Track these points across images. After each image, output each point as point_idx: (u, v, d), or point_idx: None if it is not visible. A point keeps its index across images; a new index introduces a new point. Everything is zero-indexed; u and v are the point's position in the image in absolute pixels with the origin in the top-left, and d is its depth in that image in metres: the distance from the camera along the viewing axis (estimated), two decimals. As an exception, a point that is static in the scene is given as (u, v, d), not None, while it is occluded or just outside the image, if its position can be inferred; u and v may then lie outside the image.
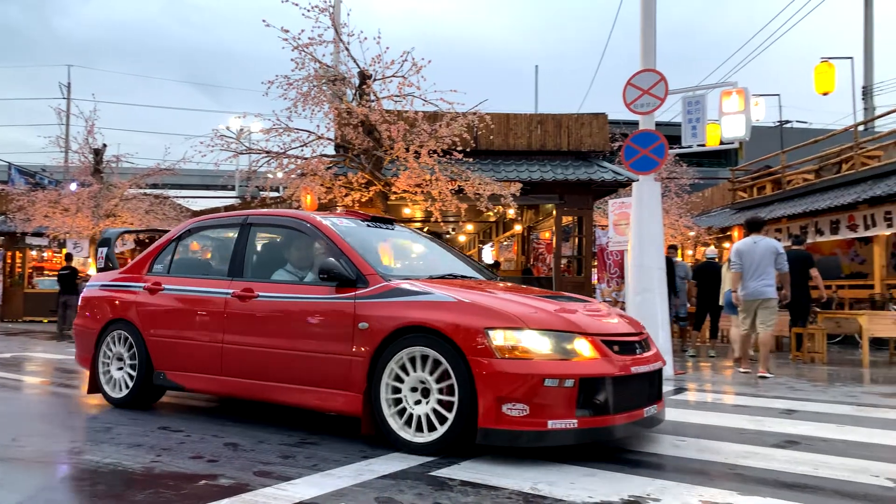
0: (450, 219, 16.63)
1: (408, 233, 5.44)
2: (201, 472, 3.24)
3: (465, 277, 4.62)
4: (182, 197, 22.49)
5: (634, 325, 4.16)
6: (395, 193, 10.26)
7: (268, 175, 10.92)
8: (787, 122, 27.58)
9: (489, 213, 17.72)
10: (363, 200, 10.30)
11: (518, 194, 10.92)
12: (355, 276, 4.05)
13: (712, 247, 15.96)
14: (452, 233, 21.72)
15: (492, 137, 13.77)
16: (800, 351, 10.06)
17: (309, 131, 10.25)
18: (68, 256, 15.49)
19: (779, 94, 27.22)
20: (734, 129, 8.10)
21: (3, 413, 5.07)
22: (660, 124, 8.72)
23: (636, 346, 3.89)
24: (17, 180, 21.07)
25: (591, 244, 14.36)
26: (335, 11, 10.31)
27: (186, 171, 20.08)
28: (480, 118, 10.39)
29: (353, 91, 10.37)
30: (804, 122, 28.88)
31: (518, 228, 17.95)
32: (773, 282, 7.88)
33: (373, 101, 10.09)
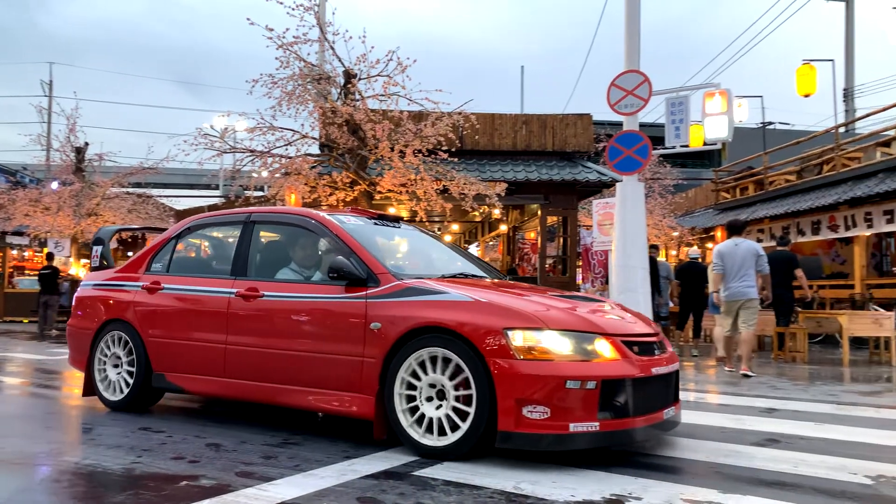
0: (435, 219, 16.66)
1: (414, 231, 5.30)
2: (182, 472, 3.21)
3: (476, 277, 4.53)
4: (165, 196, 22.39)
5: (651, 326, 4.09)
6: (379, 193, 10.25)
7: (252, 174, 10.87)
8: (769, 123, 27.82)
9: (474, 213, 17.73)
10: (347, 200, 10.28)
11: (503, 194, 10.95)
12: (366, 274, 3.95)
13: (695, 247, 16.06)
14: (438, 233, 21.71)
15: (477, 137, 13.78)
16: (782, 350, 10.17)
17: (293, 130, 10.23)
18: (49, 256, 15.34)
19: (762, 96, 27.55)
20: (717, 130, 8.18)
21: (-18, 414, 5.00)
22: (644, 125, 8.76)
23: (654, 347, 3.83)
24: (-3, 179, 20.85)
25: (576, 244, 14.41)
26: (320, 10, 10.31)
27: (170, 169, 19.96)
28: (466, 118, 10.41)
29: (338, 90, 10.36)
30: (787, 124, 29.11)
31: (503, 228, 17.98)
32: (755, 283, 7.98)
33: (358, 101, 10.07)
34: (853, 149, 14.02)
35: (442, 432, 3.52)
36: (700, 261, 12.25)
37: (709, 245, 17.71)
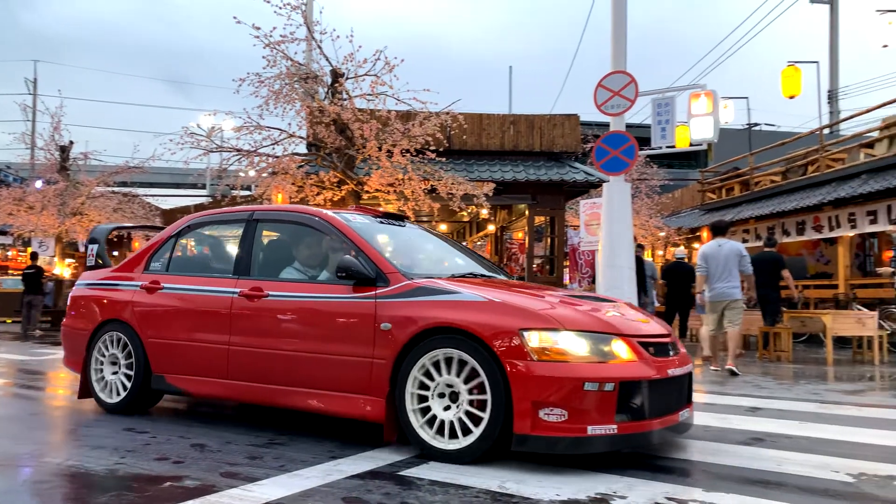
0: (423, 218, 16.64)
1: (420, 230, 5.21)
2: (166, 473, 3.19)
3: (485, 276, 4.46)
4: (151, 196, 22.24)
5: (664, 326, 4.05)
6: (367, 192, 10.23)
7: (239, 173, 10.82)
8: (755, 124, 28.02)
9: (462, 213, 17.74)
10: (335, 199, 10.26)
11: (491, 194, 10.96)
12: (375, 274, 3.87)
13: (682, 247, 16.16)
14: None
15: (465, 137, 13.79)
16: (766, 350, 10.25)
17: (280, 129, 10.19)
18: (33, 255, 15.18)
19: (747, 97, 27.77)
20: (703, 131, 8.22)
21: (-37, 415, 4.95)
22: (631, 126, 8.79)
23: (669, 348, 3.79)
24: (-20, 177, 20.65)
25: (563, 244, 14.46)
26: (307, 9, 10.28)
27: (156, 169, 19.84)
28: (453, 118, 10.41)
29: (326, 89, 10.33)
30: (772, 125, 29.36)
31: (491, 228, 17.99)
32: (739, 283, 8.09)
33: (345, 100, 10.05)
34: (837, 150, 14.16)
35: (455, 435, 3.46)
36: (686, 261, 12.34)
37: (695, 245, 17.81)
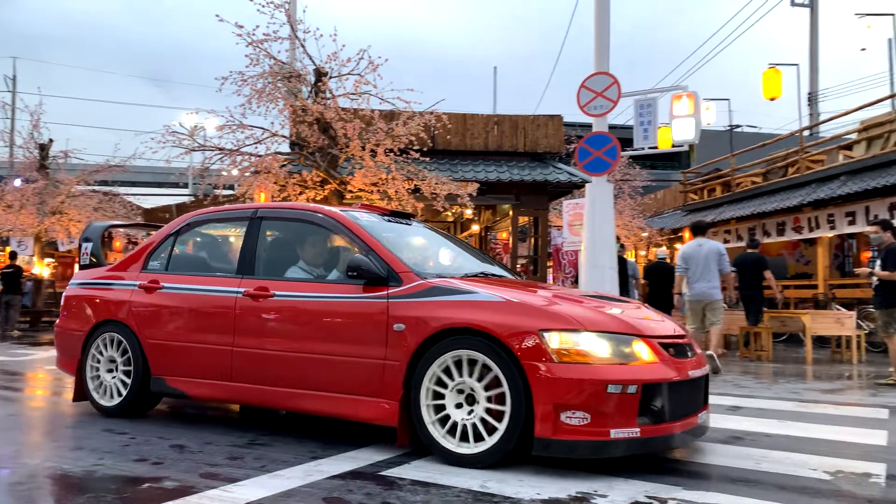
0: (407, 218, 16.58)
1: (426, 229, 5.07)
2: (145, 474, 3.17)
3: (497, 276, 4.40)
4: (133, 195, 22.02)
5: (680, 327, 4.00)
6: (350, 192, 10.19)
7: (221, 172, 10.74)
8: (737, 126, 28.28)
9: (446, 213, 17.73)
10: (318, 199, 10.21)
11: (475, 194, 10.97)
12: (386, 273, 3.77)
13: (664, 247, 16.28)
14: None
15: (449, 137, 13.78)
16: (747, 349, 10.36)
17: (263, 128, 10.11)
18: (12, 255, 14.99)
19: (729, 99, 27.99)
20: (684, 132, 8.29)
21: (-62, 417, 4.87)
22: (613, 127, 8.85)
23: (686, 349, 3.73)
24: (-43, 176, 20.32)
25: (547, 244, 14.50)
26: (291, 8, 10.20)
27: (137, 167, 19.59)
28: (437, 118, 10.39)
29: (309, 88, 10.28)
30: (754, 127, 29.64)
31: (475, 228, 18.02)
32: (719, 283, 8.20)
33: (328, 99, 10.01)
34: (817, 152, 14.32)
35: (470, 439, 3.37)
36: (668, 261, 12.42)
37: (677, 246, 17.94)
